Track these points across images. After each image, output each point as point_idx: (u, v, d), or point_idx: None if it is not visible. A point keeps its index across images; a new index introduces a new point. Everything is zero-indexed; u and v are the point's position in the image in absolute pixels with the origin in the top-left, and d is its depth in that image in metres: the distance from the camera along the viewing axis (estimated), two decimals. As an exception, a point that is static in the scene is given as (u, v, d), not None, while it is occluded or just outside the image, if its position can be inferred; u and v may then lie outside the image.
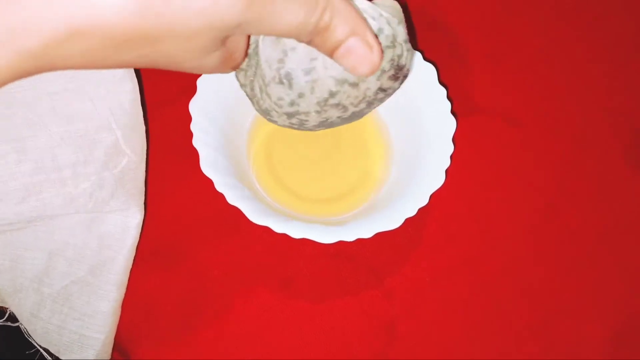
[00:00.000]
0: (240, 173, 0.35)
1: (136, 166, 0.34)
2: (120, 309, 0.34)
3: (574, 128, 0.41)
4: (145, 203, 0.35)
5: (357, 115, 0.29)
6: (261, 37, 0.26)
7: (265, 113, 0.29)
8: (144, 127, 0.34)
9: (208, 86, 0.34)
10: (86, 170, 0.32)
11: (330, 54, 0.24)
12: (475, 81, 0.41)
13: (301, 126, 0.29)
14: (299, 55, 0.25)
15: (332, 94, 0.26)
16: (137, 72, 0.33)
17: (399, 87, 0.28)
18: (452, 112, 0.35)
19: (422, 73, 0.36)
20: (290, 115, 0.28)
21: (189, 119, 0.33)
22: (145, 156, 0.35)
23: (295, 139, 0.38)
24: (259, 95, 0.29)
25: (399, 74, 0.27)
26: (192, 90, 0.34)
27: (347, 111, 0.28)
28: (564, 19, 0.44)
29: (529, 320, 0.36)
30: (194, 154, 0.32)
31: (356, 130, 0.39)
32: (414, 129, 0.36)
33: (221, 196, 0.32)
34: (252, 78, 0.29)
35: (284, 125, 0.29)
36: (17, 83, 0.30)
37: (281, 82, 0.26)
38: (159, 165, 0.37)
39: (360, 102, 0.27)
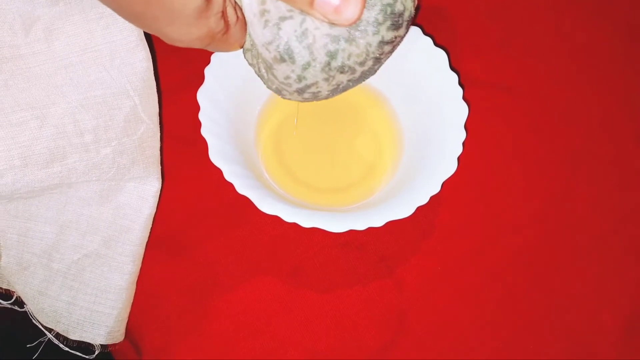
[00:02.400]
0: (249, 162, 0.34)
1: (153, 134, 0.33)
2: (134, 285, 0.34)
3: (588, 114, 0.40)
4: (162, 172, 0.35)
5: (368, 73, 0.28)
6: (249, 21, 0.27)
7: (277, 92, 0.29)
8: (156, 96, 0.33)
9: (216, 75, 0.34)
10: (107, 136, 0.32)
11: (309, 8, 0.25)
12: (487, 67, 0.41)
13: (316, 98, 0.28)
14: (289, 25, 0.26)
15: (332, 55, 0.26)
16: (150, 43, 0.33)
17: (405, 34, 0.28)
18: (464, 98, 0.35)
19: (433, 59, 0.35)
20: (301, 91, 0.27)
21: (196, 107, 0.33)
22: (159, 125, 0.34)
23: (304, 127, 0.38)
24: (266, 76, 0.29)
25: (400, 20, 0.27)
26: (199, 80, 0.34)
27: (355, 72, 0.27)
28: (576, 3, 0.43)
29: (541, 309, 0.36)
30: (202, 143, 0.32)
31: (366, 119, 0.38)
32: (425, 116, 0.35)
33: (229, 185, 0.31)
34: (257, 59, 0.29)
35: (299, 100, 0.29)
36: (32, 57, 0.30)
37: (283, 60, 0.27)
38: (167, 154, 0.37)
39: (365, 60, 0.27)
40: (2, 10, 0.30)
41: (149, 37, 0.32)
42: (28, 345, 0.34)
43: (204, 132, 0.32)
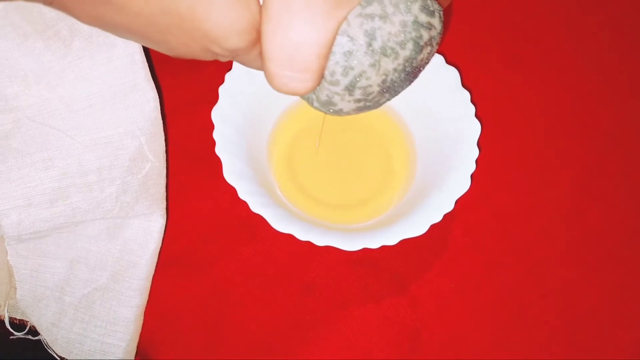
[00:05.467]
0: (262, 180, 0.34)
1: (159, 172, 0.34)
2: (142, 316, 0.34)
3: (600, 129, 0.40)
4: (167, 209, 0.35)
5: (410, 63, 0.27)
6: None
7: (328, 104, 0.28)
8: (163, 135, 0.34)
9: (230, 94, 0.34)
10: (111, 175, 0.32)
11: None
12: (499, 84, 0.41)
13: (367, 98, 0.28)
14: None
15: (371, 35, 0.25)
16: (157, 82, 0.34)
17: (440, 32, 0.27)
18: (477, 115, 0.35)
19: (445, 77, 0.36)
20: (351, 89, 0.27)
21: (209, 126, 0.33)
22: (165, 163, 0.35)
23: (316, 145, 0.38)
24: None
25: (430, 7, 0.26)
26: (211, 98, 0.34)
27: (398, 57, 0.27)
28: (587, 16, 0.43)
29: (556, 327, 0.35)
30: (214, 161, 0.32)
31: (379, 136, 0.38)
32: (438, 134, 0.36)
33: (242, 203, 0.31)
34: None
35: (352, 110, 0.28)
36: (43, 105, 0.31)
37: None
38: (180, 172, 0.37)
39: (404, 41, 0.26)
40: (14, 67, 0.31)
41: (154, 76, 0.33)
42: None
43: (218, 150, 0.32)
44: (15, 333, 0.34)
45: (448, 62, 0.36)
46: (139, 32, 0.24)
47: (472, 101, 0.35)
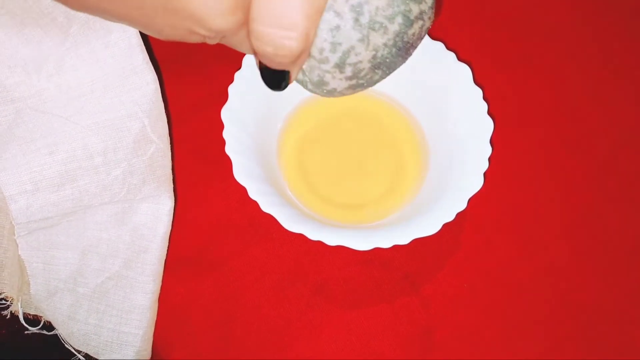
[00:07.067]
0: (272, 179, 0.34)
1: (163, 153, 0.34)
2: (157, 303, 0.34)
3: (616, 128, 0.40)
4: (174, 191, 0.35)
5: (401, 38, 0.27)
6: None
7: (320, 85, 0.28)
8: (166, 117, 0.34)
9: (239, 93, 0.34)
10: (116, 157, 0.32)
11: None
12: (512, 80, 0.40)
13: (359, 75, 0.27)
14: None
15: (358, 10, 0.25)
16: (159, 73, 0.34)
17: (432, 6, 0.27)
18: (489, 113, 0.34)
19: (457, 74, 0.35)
20: (341, 66, 0.26)
21: (219, 125, 0.33)
22: (170, 145, 0.35)
23: (326, 143, 0.38)
24: (306, 67, 0.28)
25: None
26: (220, 98, 0.34)
27: (388, 32, 0.26)
28: (602, 13, 0.42)
29: (570, 327, 0.35)
30: (224, 161, 0.32)
31: (390, 134, 0.38)
32: (450, 132, 0.35)
33: (253, 203, 0.31)
34: None
35: (345, 89, 0.28)
36: (45, 93, 0.31)
37: None
38: (190, 172, 0.37)
39: (393, 15, 0.26)
40: (14, 57, 0.31)
41: (155, 62, 0.33)
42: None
43: (228, 150, 0.32)
44: (30, 328, 0.34)
45: (460, 58, 0.36)
46: (126, 16, 0.24)
47: (484, 98, 0.35)
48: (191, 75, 0.38)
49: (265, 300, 0.35)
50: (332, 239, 0.31)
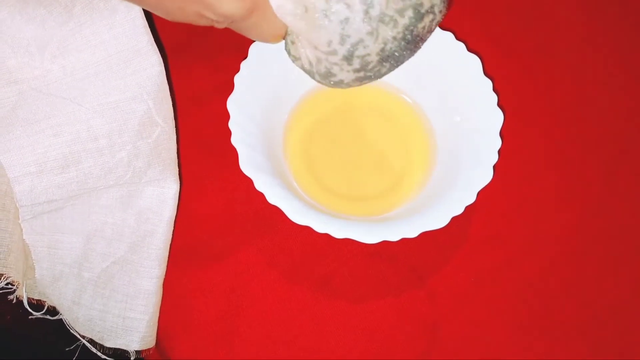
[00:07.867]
0: (278, 170, 0.34)
1: (168, 136, 0.34)
2: (162, 289, 0.34)
3: (627, 122, 0.39)
4: (180, 175, 0.35)
5: (410, 31, 0.27)
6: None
7: (328, 76, 0.28)
8: (170, 100, 0.34)
9: (246, 83, 0.34)
10: (121, 139, 0.32)
11: None
12: (522, 73, 0.40)
13: (367, 67, 0.27)
14: None
15: (367, 2, 0.25)
16: (166, 62, 0.34)
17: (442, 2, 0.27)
18: (499, 105, 0.34)
19: (467, 65, 0.35)
20: (349, 59, 0.26)
21: (225, 116, 0.33)
22: (175, 128, 0.35)
23: (333, 134, 0.37)
24: (313, 59, 0.27)
25: None
26: (226, 87, 0.34)
27: (397, 25, 0.26)
28: (614, 4, 0.42)
29: (577, 321, 0.35)
30: (230, 152, 0.32)
31: (397, 126, 0.38)
32: (459, 124, 0.35)
33: (259, 194, 0.31)
34: (301, 49, 0.28)
35: (352, 81, 0.28)
36: (48, 75, 0.31)
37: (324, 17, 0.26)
38: (195, 163, 0.37)
39: (404, 8, 0.26)
40: (17, 37, 0.31)
41: (160, 45, 0.33)
42: (67, 349, 0.34)
43: (234, 141, 0.32)
44: (34, 313, 0.34)
45: (470, 49, 0.35)
46: None
47: (494, 90, 0.34)
48: (197, 65, 0.38)
49: (270, 292, 0.35)
50: (339, 232, 0.30)
